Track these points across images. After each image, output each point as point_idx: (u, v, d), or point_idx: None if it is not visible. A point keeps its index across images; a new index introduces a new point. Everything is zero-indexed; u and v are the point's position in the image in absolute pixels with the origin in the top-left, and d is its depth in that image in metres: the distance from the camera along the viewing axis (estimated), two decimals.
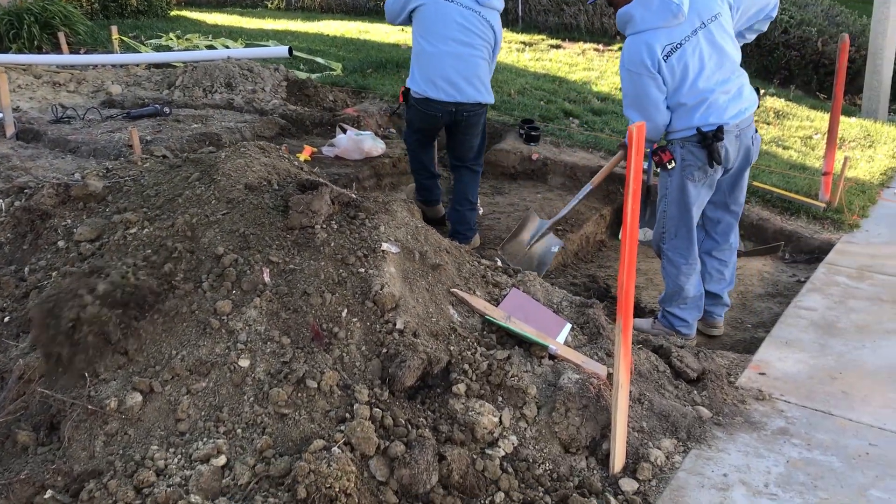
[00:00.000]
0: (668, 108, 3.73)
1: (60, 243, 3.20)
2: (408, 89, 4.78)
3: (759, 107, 3.93)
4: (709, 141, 3.67)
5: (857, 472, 2.77)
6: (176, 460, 2.38)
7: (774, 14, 3.96)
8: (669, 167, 3.79)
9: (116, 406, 2.49)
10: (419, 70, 4.64)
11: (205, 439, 2.44)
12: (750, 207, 5.51)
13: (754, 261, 5.14)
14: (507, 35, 11.31)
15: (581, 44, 10.97)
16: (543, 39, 11.18)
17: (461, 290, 3.19)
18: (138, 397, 2.51)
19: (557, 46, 10.76)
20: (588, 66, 9.40)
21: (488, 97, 4.76)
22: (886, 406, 3.19)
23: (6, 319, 2.98)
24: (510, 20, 12.70)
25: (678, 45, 3.64)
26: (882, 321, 3.91)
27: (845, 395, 3.27)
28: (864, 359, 3.57)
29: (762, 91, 4.03)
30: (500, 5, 4.76)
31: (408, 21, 4.73)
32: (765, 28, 4.01)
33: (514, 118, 6.94)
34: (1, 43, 9.04)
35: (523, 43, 10.73)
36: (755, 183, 5.72)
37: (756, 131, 3.97)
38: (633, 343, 3.16)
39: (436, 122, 4.79)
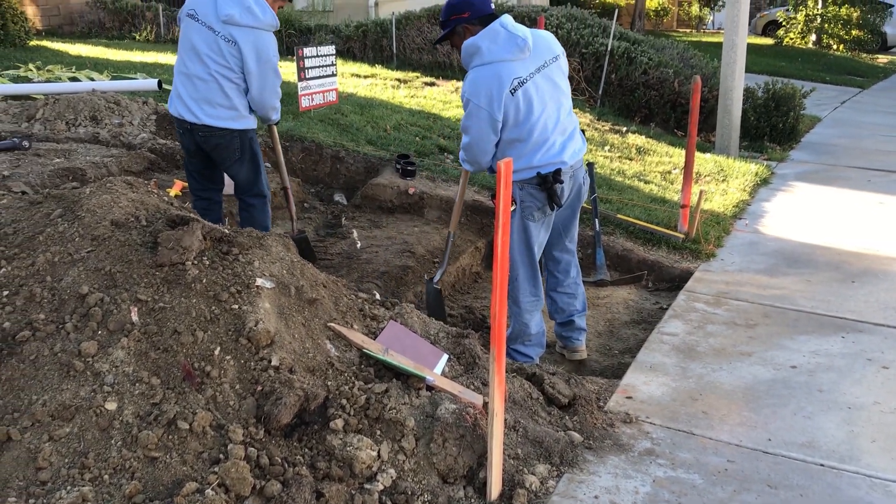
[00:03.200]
0: (502, 145, 3.79)
1: None
2: None
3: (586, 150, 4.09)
4: (549, 184, 3.77)
5: (717, 488, 2.94)
6: None
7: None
8: (511, 209, 3.80)
9: None
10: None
11: (69, 488, 2.32)
12: (615, 239, 5.79)
13: (620, 290, 5.38)
14: (382, 72, 11.46)
15: (454, 82, 11.23)
16: (418, 77, 11.38)
17: (339, 324, 3.18)
18: None
19: (432, 84, 10.97)
20: (461, 103, 9.62)
21: (227, 122, 4.33)
22: (742, 424, 3.40)
23: None
24: (385, 57, 12.88)
25: (524, 81, 3.66)
26: (737, 344, 4.17)
27: (705, 415, 3.46)
28: (721, 380, 3.79)
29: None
30: (253, 20, 4.19)
31: None
32: None
33: (391, 153, 7.02)
34: None
35: (398, 80, 10.88)
36: (619, 216, 6.01)
37: (585, 172, 4.11)
38: (507, 371, 3.24)
39: (182, 141, 4.52)
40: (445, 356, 3.30)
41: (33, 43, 12.16)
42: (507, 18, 3.75)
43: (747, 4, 8.74)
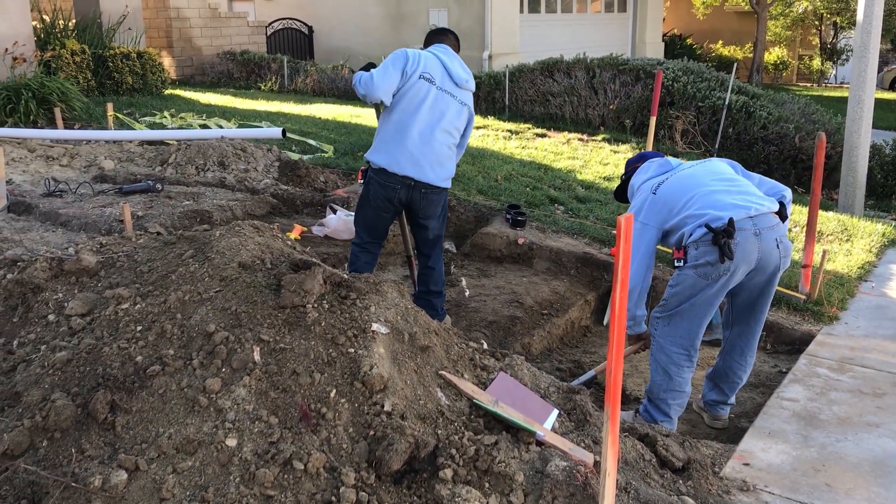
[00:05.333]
0: (677, 224, 3.84)
1: (51, 317, 3.21)
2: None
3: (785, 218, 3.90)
4: (720, 237, 3.62)
5: None
6: None
7: (786, 210, 3.95)
8: (676, 264, 3.80)
9: (100, 484, 2.46)
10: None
11: None
12: None
13: None
14: (494, 123, 11.63)
15: (566, 133, 11.27)
16: (529, 128, 11.47)
17: (449, 372, 3.20)
18: (123, 475, 2.48)
19: (543, 135, 11.03)
20: (573, 154, 9.63)
21: (445, 182, 4.49)
22: (870, 500, 3.20)
23: None
24: (497, 109, 13.06)
25: (664, 180, 3.96)
26: (863, 414, 3.95)
27: (829, 488, 3.28)
28: (846, 451, 3.59)
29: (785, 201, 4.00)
30: (472, 83, 4.58)
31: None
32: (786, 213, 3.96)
33: (501, 203, 7.07)
34: None
35: (510, 131, 11.00)
36: None
37: (783, 238, 3.82)
38: (619, 431, 3.17)
39: (390, 195, 4.45)
40: (556, 411, 3.26)
41: (168, 91, 12.98)
42: (665, 157, 4.19)
43: (875, 59, 8.43)
